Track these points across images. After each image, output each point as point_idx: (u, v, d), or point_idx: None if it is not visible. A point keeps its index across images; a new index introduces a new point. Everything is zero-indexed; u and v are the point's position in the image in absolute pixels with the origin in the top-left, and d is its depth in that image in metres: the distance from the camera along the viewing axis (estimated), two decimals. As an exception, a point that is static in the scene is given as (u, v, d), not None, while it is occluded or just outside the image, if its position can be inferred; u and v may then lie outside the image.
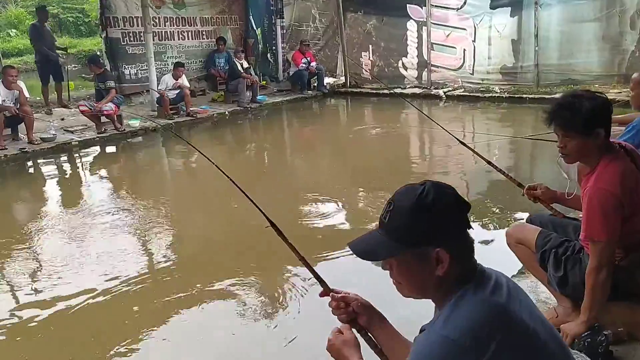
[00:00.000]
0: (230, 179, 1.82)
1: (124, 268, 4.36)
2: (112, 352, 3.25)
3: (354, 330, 1.56)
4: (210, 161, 1.93)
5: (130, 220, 5.51)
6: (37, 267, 4.60)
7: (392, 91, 11.78)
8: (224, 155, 8.75)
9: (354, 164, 7.54)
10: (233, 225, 5.37)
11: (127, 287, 4.06)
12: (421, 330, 1.31)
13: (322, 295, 1.62)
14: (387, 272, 1.39)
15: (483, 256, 1.46)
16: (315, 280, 1.67)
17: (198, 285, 3.99)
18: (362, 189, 6.33)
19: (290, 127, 11.54)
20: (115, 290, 4.01)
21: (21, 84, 8.21)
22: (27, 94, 8.26)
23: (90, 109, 9.00)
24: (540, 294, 3.08)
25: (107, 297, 3.93)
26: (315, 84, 13.02)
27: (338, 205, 5.77)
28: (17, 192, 7.20)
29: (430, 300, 1.38)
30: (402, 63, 12.97)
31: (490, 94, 11.48)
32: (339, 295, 1.58)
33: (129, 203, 6.19)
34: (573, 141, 2.29)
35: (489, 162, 3.10)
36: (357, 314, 1.56)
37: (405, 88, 12.58)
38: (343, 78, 13.78)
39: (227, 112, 10.80)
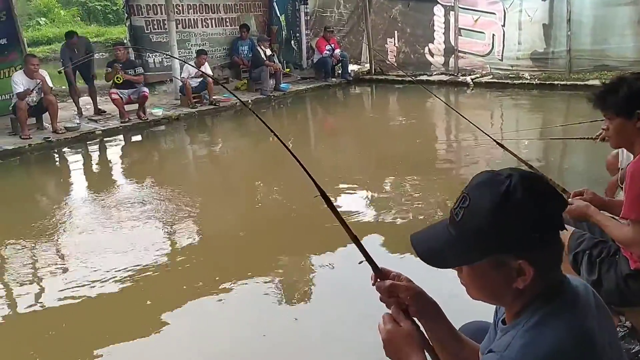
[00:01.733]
0: (291, 152, 1.62)
1: (147, 257, 4.32)
2: (128, 343, 3.20)
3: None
4: (273, 132, 1.76)
5: (154, 209, 5.48)
6: (58, 257, 4.59)
7: (415, 79, 11.53)
8: (248, 144, 8.70)
9: (378, 153, 7.38)
10: (259, 213, 5.34)
11: (148, 276, 4.02)
12: (489, 351, 1.11)
13: (375, 279, 1.33)
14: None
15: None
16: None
17: (222, 277, 3.92)
18: (386, 178, 6.20)
19: (314, 115, 11.40)
20: (137, 279, 3.97)
21: (44, 72, 8.23)
22: (50, 83, 8.27)
23: (121, 97, 8.99)
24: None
25: (127, 286, 3.88)
26: (340, 72, 12.83)
27: (361, 195, 5.70)
28: (42, 182, 7.26)
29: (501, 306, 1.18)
30: (429, 49, 12.69)
31: (519, 81, 11.16)
32: (388, 283, 1.29)
33: (152, 192, 6.18)
34: (612, 123, 2.25)
35: (530, 166, 2.86)
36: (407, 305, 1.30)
37: (431, 75, 12.31)
38: (368, 65, 13.56)
39: (250, 101, 10.70)
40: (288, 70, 13.04)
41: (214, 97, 10.22)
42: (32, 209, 5.90)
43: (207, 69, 10.21)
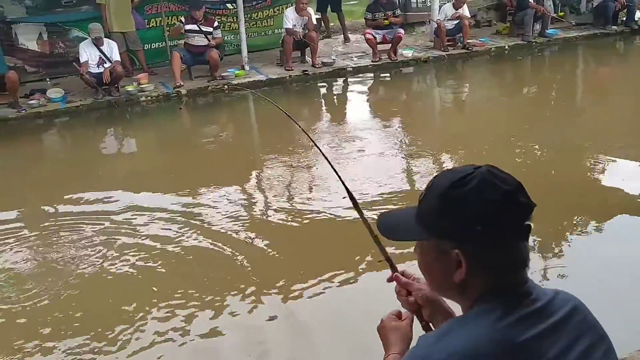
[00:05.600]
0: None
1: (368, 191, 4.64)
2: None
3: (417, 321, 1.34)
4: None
5: (397, 146, 5.86)
6: (307, 175, 5.32)
7: None
8: (500, 94, 8.32)
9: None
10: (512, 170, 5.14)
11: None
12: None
13: (389, 280, 1.40)
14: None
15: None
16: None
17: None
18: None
19: (584, 67, 10.12)
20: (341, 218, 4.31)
21: (311, 10, 9.02)
22: (314, 21, 9.02)
23: (375, 37, 9.36)
24: None
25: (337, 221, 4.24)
26: (624, 19, 11.03)
27: (629, 165, 5.09)
28: (296, 109, 8.16)
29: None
30: None
31: None
32: (402, 280, 1.35)
33: (396, 130, 6.60)
34: None
35: None
36: (420, 306, 1.33)
37: None
38: (664, 12, 11.34)
39: (506, 47, 10.02)
40: (562, 14, 11.68)
41: (468, 40, 9.85)
42: (287, 131, 6.70)
43: (465, 10, 9.83)
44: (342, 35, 10.91)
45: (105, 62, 7.90)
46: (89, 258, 3.94)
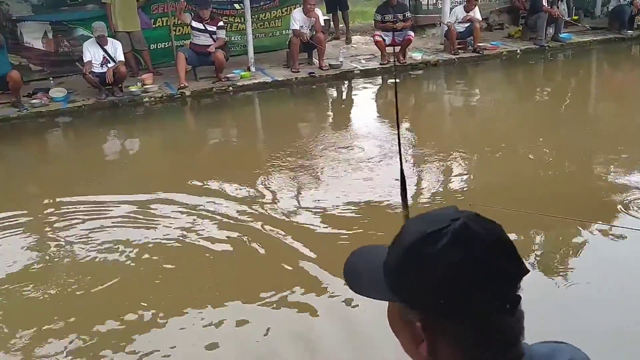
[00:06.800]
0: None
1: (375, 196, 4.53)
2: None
3: None
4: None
5: (393, 152, 5.67)
6: (310, 175, 5.22)
7: None
8: (511, 98, 8.13)
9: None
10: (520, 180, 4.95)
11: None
12: None
13: None
14: None
15: None
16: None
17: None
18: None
19: (598, 72, 9.89)
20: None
21: (318, 11, 8.85)
22: (322, 22, 8.87)
23: (384, 40, 9.20)
24: None
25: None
26: (640, 23, 10.80)
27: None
28: (300, 111, 8.03)
29: None
30: None
31: None
32: None
33: (395, 133, 6.40)
34: None
35: None
36: None
37: None
38: (683, 16, 11.07)
39: (518, 50, 9.81)
40: (576, 17, 11.47)
41: (479, 43, 9.66)
42: (293, 132, 6.70)
43: (476, 13, 9.64)
44: (345, 36, 10.73)
45: (109, 62, 7.79)
46: (90, 260, 3.85)
